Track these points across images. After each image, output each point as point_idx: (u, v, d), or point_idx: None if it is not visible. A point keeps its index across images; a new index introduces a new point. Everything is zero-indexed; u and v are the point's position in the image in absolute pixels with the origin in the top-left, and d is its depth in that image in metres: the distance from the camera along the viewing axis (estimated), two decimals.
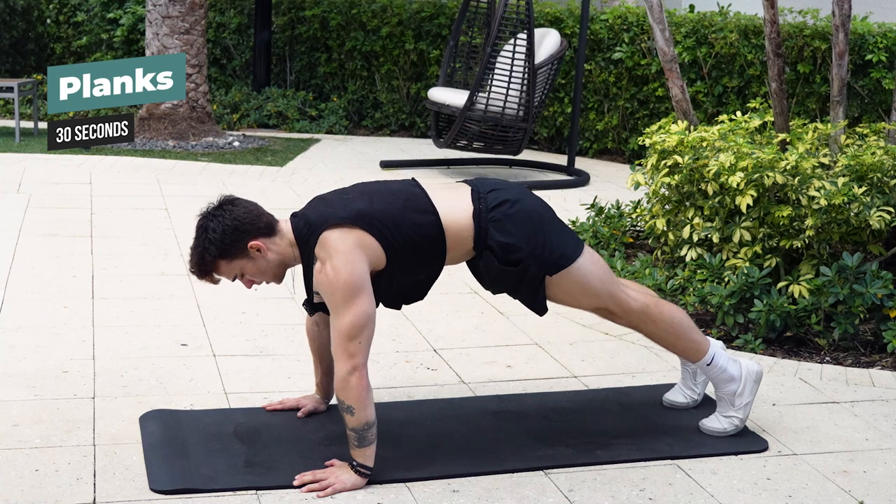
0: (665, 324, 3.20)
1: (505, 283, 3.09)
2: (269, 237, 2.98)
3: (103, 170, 7.35)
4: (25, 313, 4.22)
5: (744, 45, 7.98)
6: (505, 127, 7.43)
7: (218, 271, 2.99)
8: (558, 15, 8.98)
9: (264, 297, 4.52)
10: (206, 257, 2.95)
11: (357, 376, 2.82)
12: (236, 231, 2.93)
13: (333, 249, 2.85)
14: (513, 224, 3.01)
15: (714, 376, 3.26)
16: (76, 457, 2.97)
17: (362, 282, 2.85)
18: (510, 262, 3.02)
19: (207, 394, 3.50)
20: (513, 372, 3.84)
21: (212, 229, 2.93)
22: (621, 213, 5.64)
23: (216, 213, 2.97)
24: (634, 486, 2.94)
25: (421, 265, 3.04)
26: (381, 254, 2.92)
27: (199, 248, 2.96)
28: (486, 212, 3.01)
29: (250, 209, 2.99)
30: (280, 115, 9.73)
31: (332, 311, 2.85)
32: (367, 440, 2.86)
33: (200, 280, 3.03)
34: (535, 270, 3.03)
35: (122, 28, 10.37)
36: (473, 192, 3.06)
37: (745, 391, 3.25)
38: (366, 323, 2.83)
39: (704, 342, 3.26)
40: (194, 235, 2.99)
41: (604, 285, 3.12)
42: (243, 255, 2.96)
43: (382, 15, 9.78)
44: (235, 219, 2.94)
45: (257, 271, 3.00)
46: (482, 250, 3.03)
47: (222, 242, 2.93)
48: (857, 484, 3.02)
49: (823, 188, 4.17)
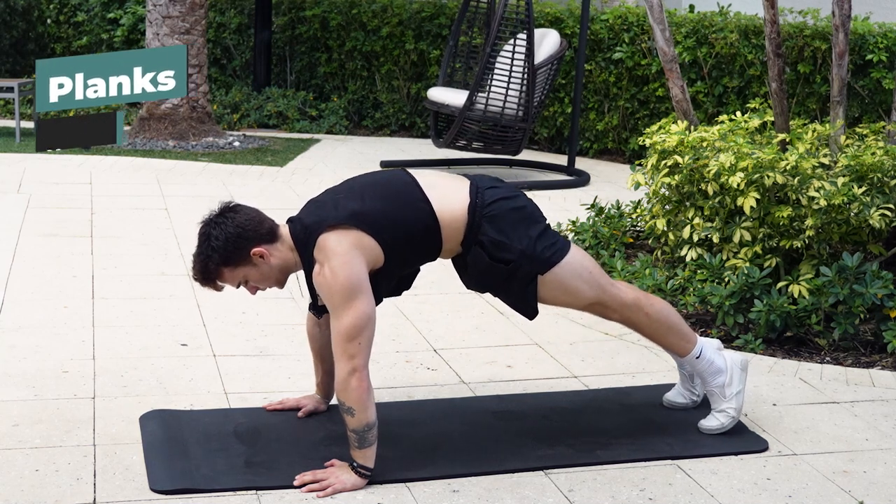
0: (658, 315, 3.21)
1: (492, 280, 3.08)
2: (272, 243, 2.97)
3: (103, 170, 7.35)
4: (25, 313, 4.22)
5: (744, 46, 7.99)
6: (504, 127, 7.43)
7: (222, 279, 2.99)
8: (558, 15, 8.98)
9: (264, 297, 4.51)
10: (210, 265, 2.94)
11: (357, 377, 2.81)
12: (239, 238, 2.92)
13: (331, 252, 2.85)
14: (507, 222, 3.01)
15: (703, 370, 3.27)
16: (76, 457, 2.97)
17: (361, 283, 2.84)
18: (500, 259, 3.02)
19: (207, 394, 3.50)
20: (513, 372, 3.84)
21: (214, 237, 2.92)
22: (621, 213, 5.64)
23: (218, 221, 2.95)
24: (634, 486, 2.94)
25: (418, 257, 3.05)
26: (379, 252, 2.92)
27: (202, 255, 2.95)
28: (483, 206, 3.01)
29: (252, 216, 2.98)
30: (280, 115, 9.74)
31: (332, 313, 2.85)
32: (367, 441, 2.86)
33: (204, 287, 3.02)
34: (526, 269, 3.03)
35: (123, 28, 10.38)
36: (472, 185, 3.06)
37: (733, 381, 3.26)
38: (365, 324, 2.83)
39: (693, 335, 3.29)
40: (197, 243, 2.98)
41: (595, 279, 3.12)
42: (246, 262, 2.95)
43: (383, 15, 9.78)
44: (238, 226, 2.93)
45: (261, 277, 2.99)
46: (471, 245, 3.02)
47: (225, 250, 2.92)
48: (857, 484, 3.02)
49: (823, 188, 4.17)
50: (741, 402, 3.28)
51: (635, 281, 4.59)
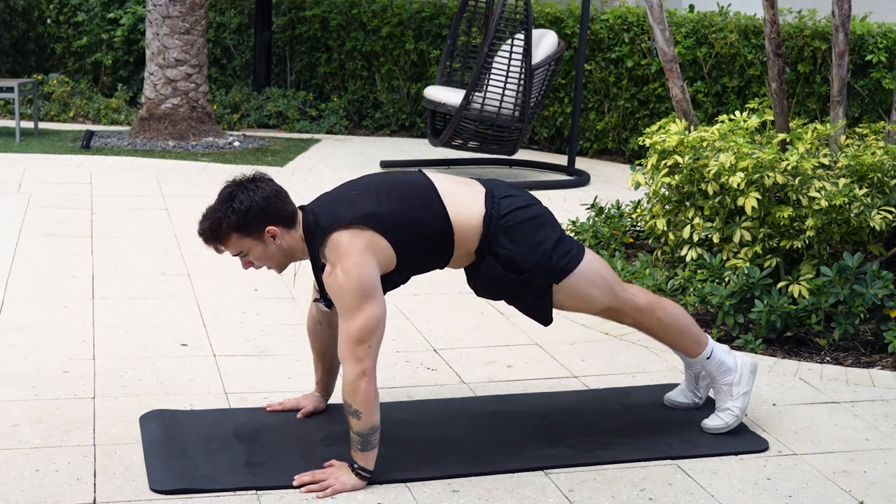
0: (671, 318, 3.22)
1: (506, 289, 3.07)
2: (288, 228, 2.92)
3: (103, 170, 7.35)
4: (25, 313, 4.21)
5: (744, 45, 7.99)
6: (500, 127, 7.42)
7: (227, 244, 2.91)
8: (558, 15, 8.98)
9: (264, 297, 4.52)
10: (223, 225, 2.87)
11: (366, 381, 2.79)
12: (262, 211, 2.86)
13: (344, 252, 2.82)
14: (522, 233, 2.99)
15: (713, 369, 3.28)
16: (76, 457, 2.97)
17: (373, 285, 2.81)
18: (514, 269, 3.00)
19: (207, 394, 3.50)
20: (513, 372, 3.84)
21: (239, 200, 2.86)
22: (621, 213, 5.64)
23: (248, 186, 2.89)
24: (634, 486, 2.94)
25: (429, 263, 3.03)
26: (392, 254, 2.89)
27: (217, 213, 2.88)
28: (498, 217, 2.98)
29: (281, 194, 2.92)
30: (280, 115, 9.73)
31: (342, 315, 2.82)
32: (370, 444, 2.85)
33: (206, 245, 2.94)
34: (540, 279, 3.02)
35: (123, 28, 10.38)
36: (488, 194, 3.02)
37: (742, 381, 3.27)
38: (376, 327, 2.80)
39: (704, 336, 3.30)
40: (217, 199, 2.90)
41: (609, 285, 3.12)
42: (257, 236, 2.89)
43: (383, 15, 9.78)
44: (265, 198, 2.87)
45: (263, 255, 2.93)
46: (485, 255, 3.01)
47: (245, 216, 2.85)
48: (857, 484, 3.02)
49: (824, 189, 4.17)
50: (746, 403, 3.28)
51: (635, 281, 4.59)
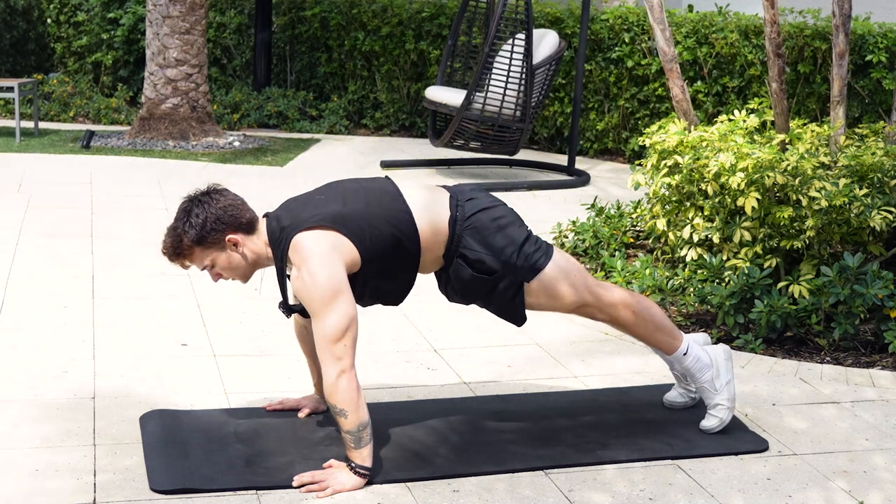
0: (645, 313, 3.22)
1: (477, 292, 3.08)
2: (248, 234, 2.97)
3: (103, 170, 7.35)
4: (25, 313, 4.21)
5: (744, 46, 7.99)
6: (501, 127, 7.42)
7: (191, 258, 2.97)
8: (559, 15, 8.98)
9: (264, 297, 4.52)
10: (184, 241, 2.93)
11: (346, 378, 2.80)
12: (218, 221, 2.92)
13: (308, 253, 2.84)
14: (489, 233, 3.02)
15: (691, 366, 3.28)
16: (76, 457, 2.97)
17: (340, 283, 2.83)
18: (483, 270, 3.02)
19: (207, 394, 3.50)
20: (513, 372, 3.84)
21: (195, 214, 2.93)
22: (621, 213, 5.64)
23: (203, 199, 2.96)
24: (634, 486, 2.94)
25: (395, 268, 3.02)
26: (356, 256, 2.91)
27: (177, 229, 2.95)
28: (463, 219, 3.01)
29: (236, 203, 2.98)
30: (280, 115, 9.74)
31: (314, 316, 2.83)
32: (363, 441, 2.85)
33: (171, 263, 3.01)
34: (511, 279, 3.03)
35: (123, 28, 10.38)
36: (452, 198, 3.06)
37: (720, 372, 3.27)
38: (349, 324, 2.81)
39: (679, 333, 3.29)
40: (175, 216, 2.98)
41: (579, 281, 3.12)
42: (219, 247, 2.95)
43: (383, 15, 9.78)
44: (220, 209, 2.93)
45: (228, 266, 2.98)
46: (452, 258, 3.03)
47: (203, 229, 2.92)
48: (857, 484, 3.02)
49: (825, 189, 4.17)
50: (733, 391, 3.27)
51: (635, 281, 4.59)
